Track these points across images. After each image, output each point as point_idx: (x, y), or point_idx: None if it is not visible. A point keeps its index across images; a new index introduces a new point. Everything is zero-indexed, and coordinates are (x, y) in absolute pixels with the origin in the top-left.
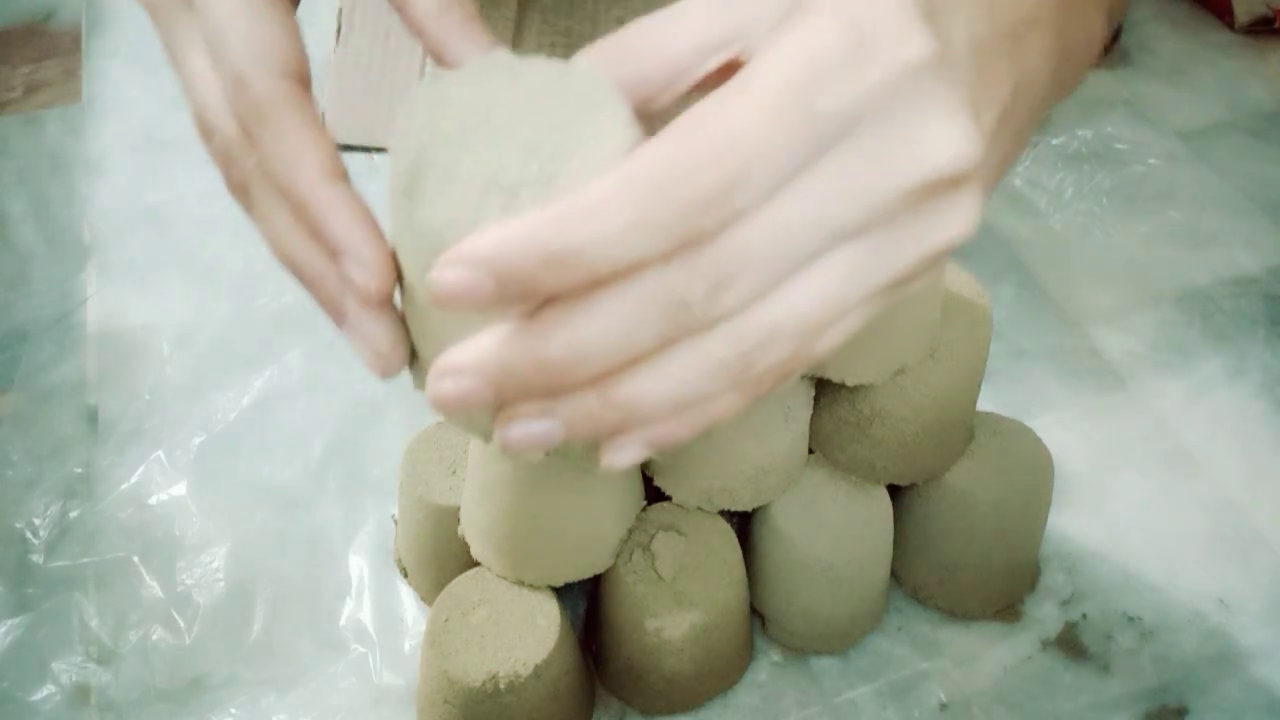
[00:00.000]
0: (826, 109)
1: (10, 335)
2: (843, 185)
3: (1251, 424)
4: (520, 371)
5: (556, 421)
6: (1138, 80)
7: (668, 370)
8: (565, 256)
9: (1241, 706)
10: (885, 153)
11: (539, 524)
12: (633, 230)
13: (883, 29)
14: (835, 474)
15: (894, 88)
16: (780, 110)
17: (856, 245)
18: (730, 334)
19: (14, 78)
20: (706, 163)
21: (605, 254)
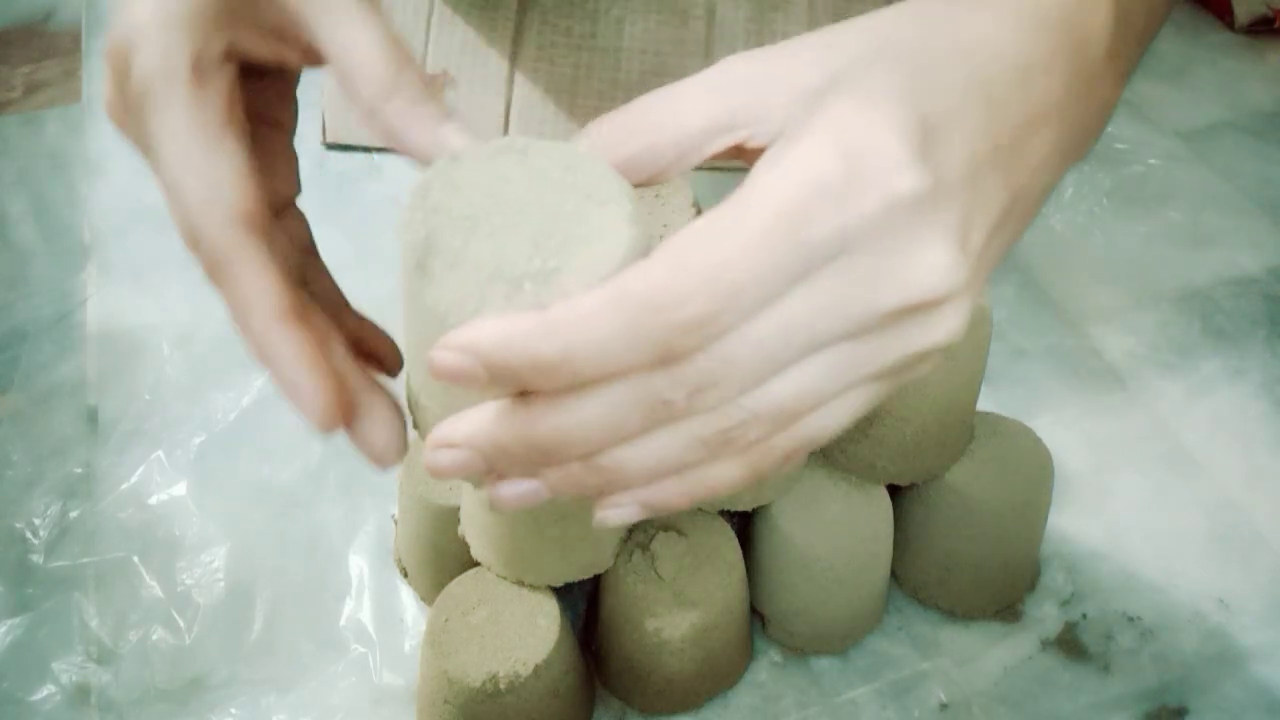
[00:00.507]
0: (815, 237)
1: (10, 335)
2: (825, 304)
3: (1251, 424)
4: (509, 448)
5: (542, 482)
6: (1138, 80)
7: (649, 444)
8: (553, 363)
9: (1241, 706)
10: (869, 278)
11: (539, 524)
12: (619, 345)
13: (877, 161)
14: (835, 474)
15: (883, 219)
16: (771, 239)
17: (836, 350)
18: (708, 419)
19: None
20: (696, 290)
21: (590, 364)
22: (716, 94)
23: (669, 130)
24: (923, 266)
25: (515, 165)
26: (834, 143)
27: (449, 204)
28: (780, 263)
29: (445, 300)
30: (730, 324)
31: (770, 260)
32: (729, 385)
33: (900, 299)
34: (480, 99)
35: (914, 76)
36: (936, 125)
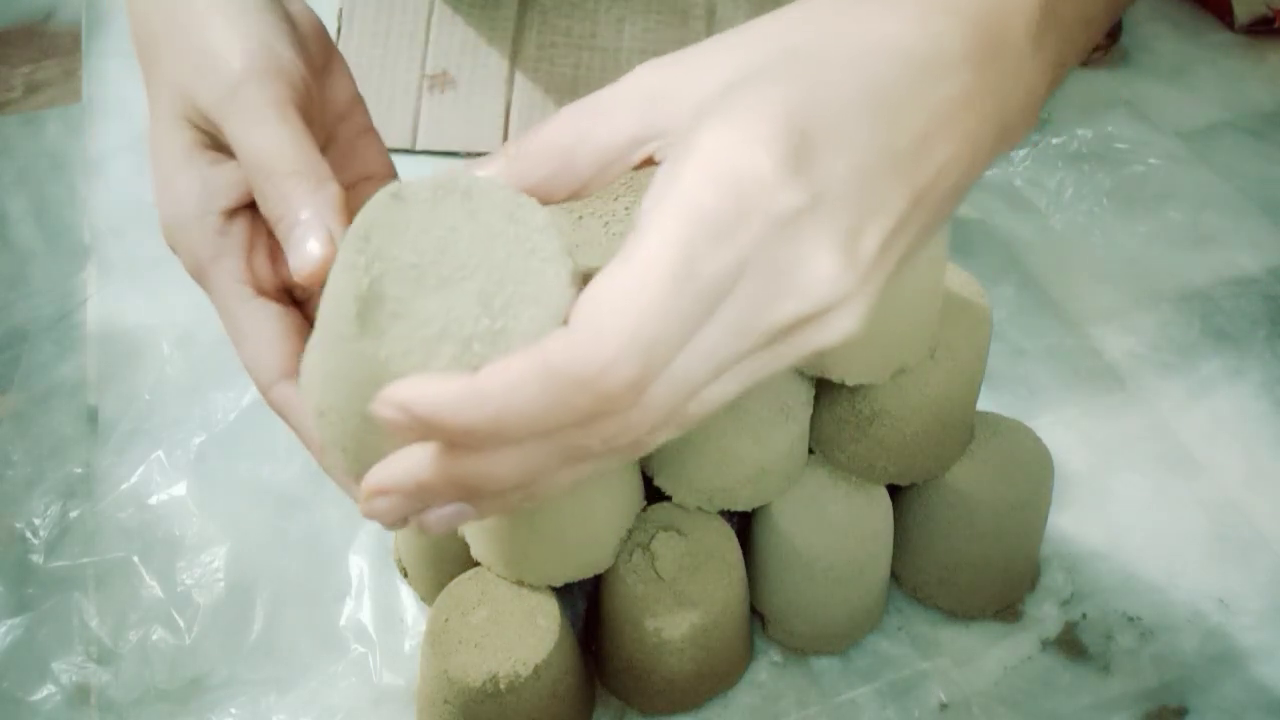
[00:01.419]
0: (712, 277)
1: (10, 335)
2: (729, 333)
3: (1251, 424)
4: (437, 490)
5: (470, 508)
6: (1138, 80)
7: (569, 472)
8: (484, 431)
9: (1241, 706)
10: (764, 298)
11: (539, 524)
12: (547, 415)
13: (753, 186)
14: (835, 474)
15: (769, 240)
16: (674, 290)
17: (741, 364)
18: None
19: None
20: (616, 359)
21: (519, 430)
22: (629, 107)
23: (585, 147)
24: (811, 278)
25: (460, 210)
26: (711, 173)
27: (393, 251)
28: (686, 310)
29: (387, 352)
30: (651, 381)
31: (678, 311)
32: (645, 425)
33: (794, 312)
34: (480, 99)
35: (801, 88)
36: (818, 138)
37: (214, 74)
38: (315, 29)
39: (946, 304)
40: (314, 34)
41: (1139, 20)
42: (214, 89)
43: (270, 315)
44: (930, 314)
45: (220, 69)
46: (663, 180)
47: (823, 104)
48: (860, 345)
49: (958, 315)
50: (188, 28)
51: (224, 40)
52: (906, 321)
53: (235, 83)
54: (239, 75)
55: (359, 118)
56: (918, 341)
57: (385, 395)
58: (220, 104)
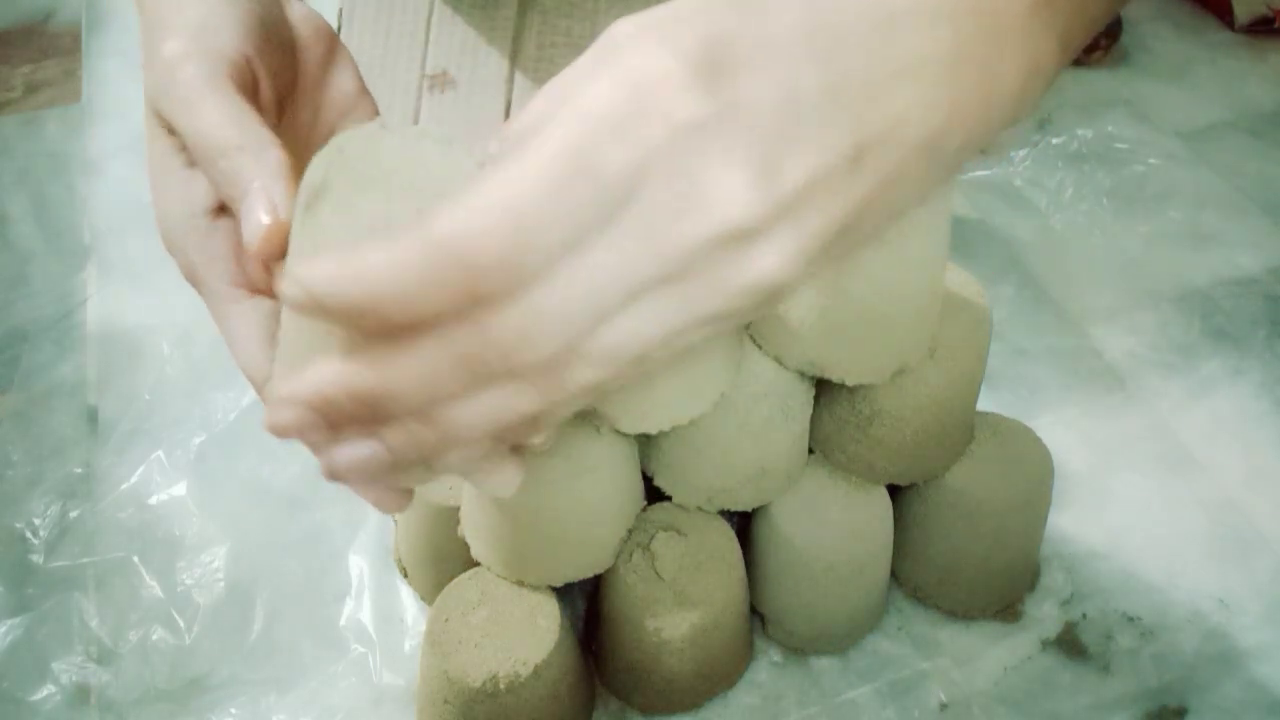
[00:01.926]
0: (605, 172)
1: (10, 335)
2: (632, 247)
3: (1251, 424)
4: (339, 402)
5: (380, 443)
6: (1138, 80)
7: (480, 401)
8: (362, 306)
9: (1241, 706)
10: (668, 212)
11: (539, 524)
12: (423, 289)
13: (658, 90)
14: (835, 474)
15: (670, 148)
16: (562, 176)
17: (657, 294)
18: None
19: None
20: (492, 229)
21: (397, 308)
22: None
23: None
24: (717, 194)
25: (435, 150)
26: (613, 78)
27: (357, 162)
28: (575, 200)
29: (320, 240)
30: (532, 268)
31: (563, 198)
32: (543, 342)
33: (701, 231)
34: (480, 99)
35: (742, 10)
36: (744, 56)
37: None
38: (317, 28)
39: (946, 304)
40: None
41: (1139, 20)
42: (156, 84)
43: (263, 314)
44: (930, 314)
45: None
46: (574, 79)
47: (761, 27)
48: (860, 345)
49: (958, 315)
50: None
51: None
52: (906, 321)
53: (170, 72)
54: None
55: (363, 113)
56: (918, 341)
57: (287, 272)
58: (161, 98)
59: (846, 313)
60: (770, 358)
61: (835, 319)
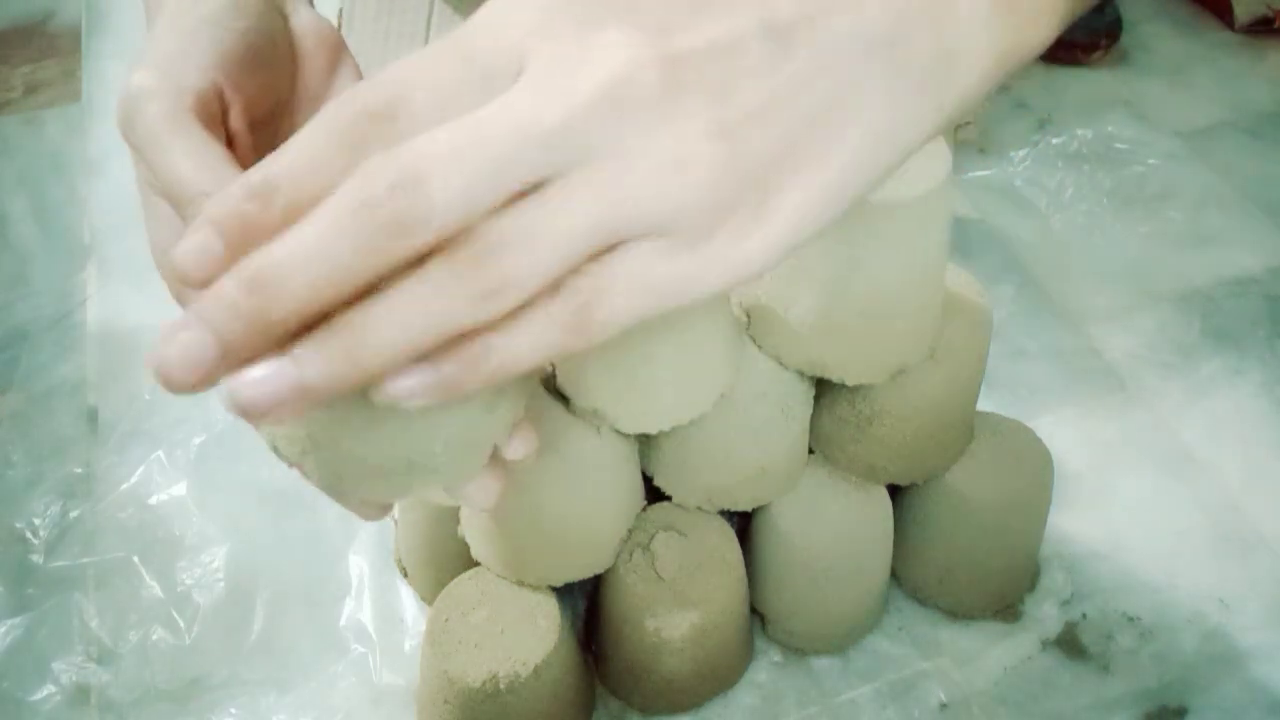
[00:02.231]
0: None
1: (10, 335)
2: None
3: (1251, 424)
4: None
5: (293, 362)
6: (1138, 80)
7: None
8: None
9: (1241, 706)
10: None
11: (539, 524)
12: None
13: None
14: (835, 474)
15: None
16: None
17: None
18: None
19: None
20: (375, 85)
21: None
22: None
23: None
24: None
25: None
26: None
27: None
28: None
29: None
30: (418, 111)
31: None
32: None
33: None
34: None
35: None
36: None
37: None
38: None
39: (946, 304)
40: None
41: (1139, 20)
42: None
43: None
44: (930, 314)
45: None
46: None
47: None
48: (860, 345)
49: (958, 315)
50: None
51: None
52: (906, 321)
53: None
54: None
55: None
56: (918, 341)
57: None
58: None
59: (846, 313)
60: (770, 358)
61: (835, 319)
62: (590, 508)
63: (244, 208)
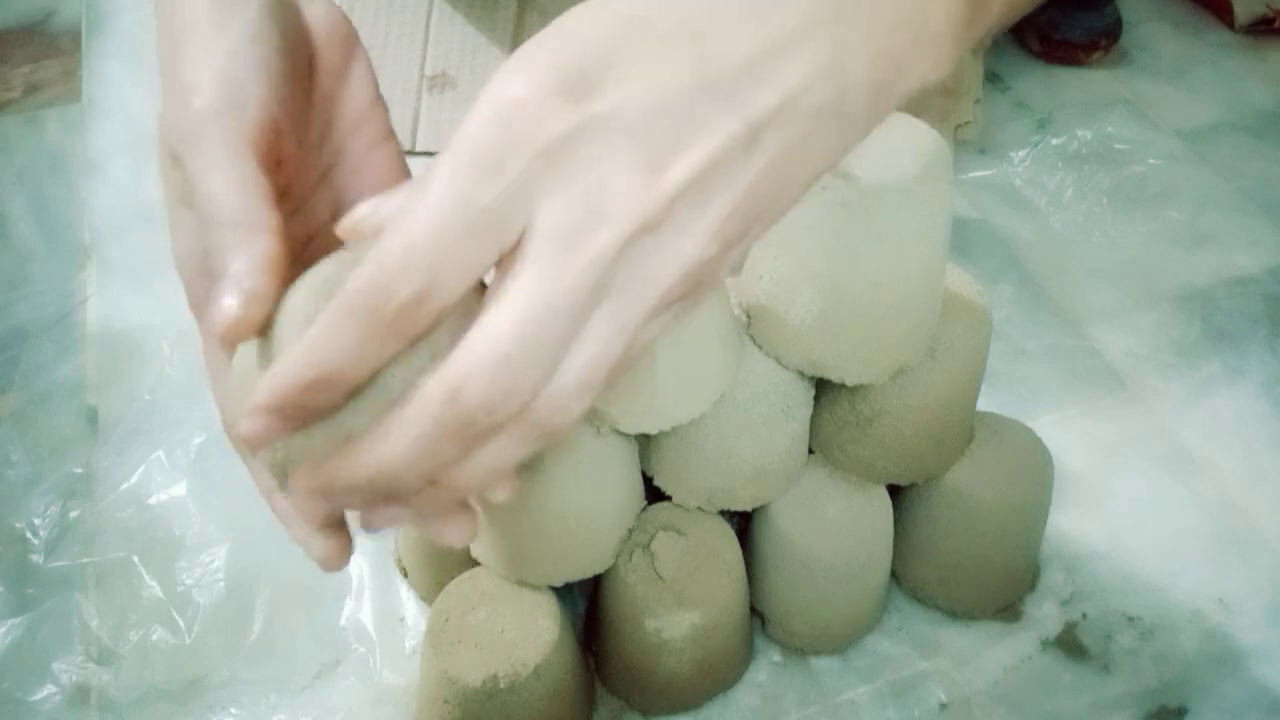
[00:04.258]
0: (486, 201)
1: (10, 335)
2: (552, 270)
3: (1251, 424)
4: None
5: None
6: (1138, 80)
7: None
8: (319, 382)
9: (1241, 706)
10: (572, 229)
11: (539, 524)
12: (358, 347)
13: (520, 119)
14: (835, 474)
15: (546, 170)
16: (445, 211)
17: (596, 310)
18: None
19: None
20: (397, 275)
21: (348, 367)
22: None
23: None
24: (610, 200)
25: None
26: (484, 109)
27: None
28: (466, 233)
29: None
30: (448, 300)
31: (454, 232)
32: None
33: (606, 237)
34: None
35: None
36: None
37: (179, 109)
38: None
39: (946, 304)
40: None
41: (1139, 20)
42: (177, 126)
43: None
44: (930, 314)
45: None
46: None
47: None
48: (860, 345)
49: (958, 315)
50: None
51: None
52: (906, 321)
53: (194, 122)
54: (198, 115)
55: (374, 127)
56: (918, 341)
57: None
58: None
59: (846, 313)
60: (770, 357)
61: (835, 319)
62: (590, 508)
63: (302, 398)
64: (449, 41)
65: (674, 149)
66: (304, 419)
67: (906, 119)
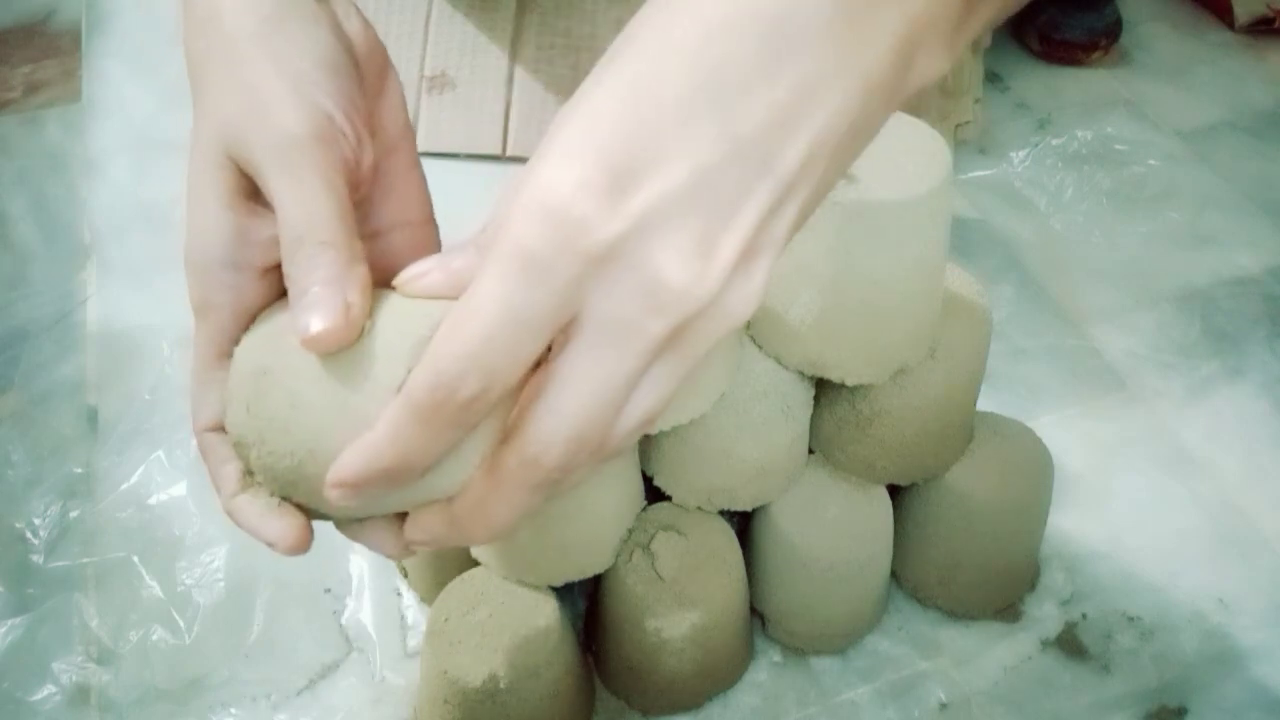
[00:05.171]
0: (537, 304)
1: (10, 335)
2: (611, 353)
3: (1251, 424)
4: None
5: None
6: (1138, 80)
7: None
8: (393, 469)
9: (1241, 706)
10: (621, 319)
11: (539, 524)
12: (426, 441)
13: (571, 218)
14: (835, 474)
15: (598, 272)
16: (498, 316)
17: (649, 374)
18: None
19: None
20: (456, 379)
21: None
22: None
23: None
24: (666, 292)
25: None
26: (532, 214)
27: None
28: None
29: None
30: (502, 391)
31: (505, 336)
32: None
33: (664, 326)
34: (479, 100)
35: (625, 97)
36: (643, 154)
37: (266, 125)
38: (372, 52)
39: (946, 304)
40: (370, 58)
41: (1139, 20)
42: (264, 140)
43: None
44: (930, 314)
45: (273, 122)
46: (502, 218)
47: (648, 112)
48: (860, 345)
49: (958, 315)
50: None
51: (278, 93)
52: (906, 321)
53: (287, 141)
54: (292, 136)
55: (405, 154)
56: (918, 341)
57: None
58: (269, 157)
59: (846, 313)
60: (770, 357)
61: (835, 319)
62: (590, 508)
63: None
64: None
65: (719, 228)
66: (381, 492)
67: (907, 119)
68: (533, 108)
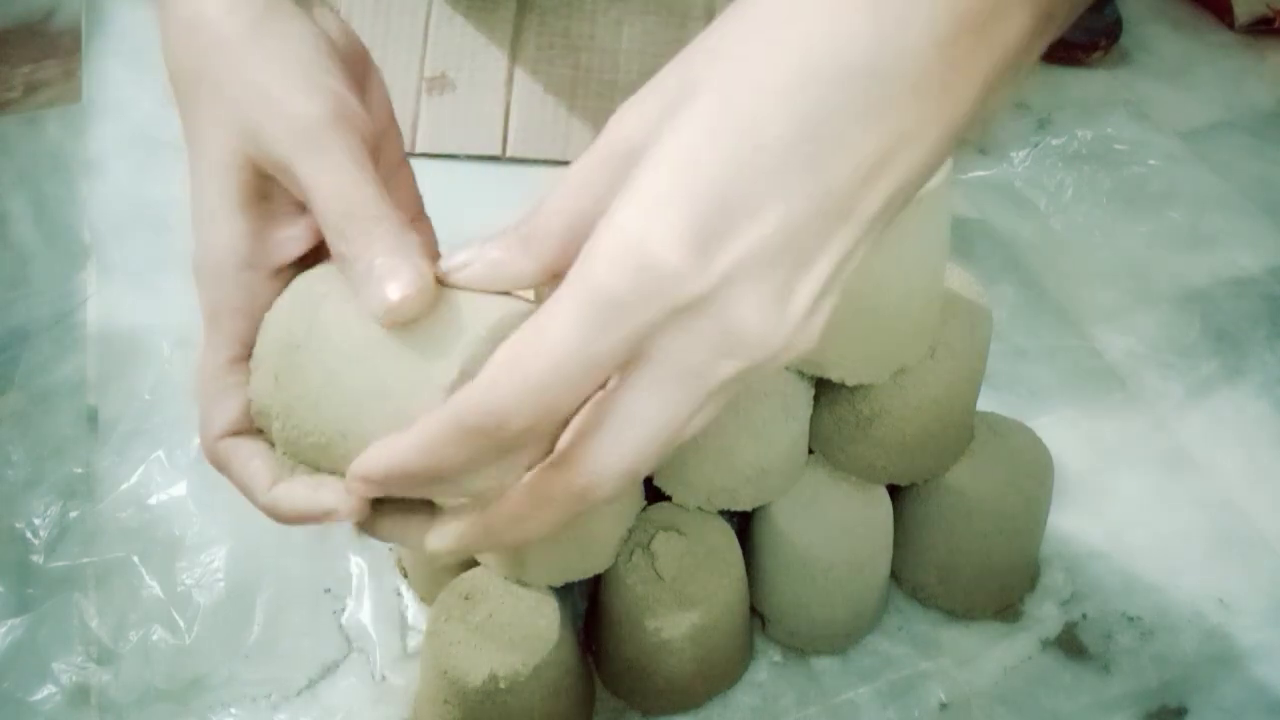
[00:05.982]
0: (609, 347)
1: (10, 335)
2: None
3: (1251, 424)
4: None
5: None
6: (1138, 80)
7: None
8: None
9: (1241, 706)
10: (691, 364)
11: None
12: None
13: (657, 270)
14: (835, 474)
15: (675, 318)
16: (567, 354)
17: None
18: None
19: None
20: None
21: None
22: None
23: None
24: (742, 341)
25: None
26: (618, 252)
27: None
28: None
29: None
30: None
31: (572, 376)
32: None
33: (734, 369)
34: (479, 101)
35: (721, 141)
36: (735, 204)
37: (284, 115)
38: (352, 47)
39: (946, 304)
40: (350, 54)
41: (1139, 20)
42: (285, 129)
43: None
44: (930, 314)
45: (292, 111)
46: (584, 252)
47: (745, 160)
48: (860, 345)
49: (958, 315)
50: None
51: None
52: (906, 321)
53: (312, 125)
54: (316, 120)
55: (392, 150)
56: (918, 341)
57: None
58: (296, 144)
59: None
60: None
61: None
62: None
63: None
64: (448, 43)
65: (798, 276)
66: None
67: None
68: (532, 109)
